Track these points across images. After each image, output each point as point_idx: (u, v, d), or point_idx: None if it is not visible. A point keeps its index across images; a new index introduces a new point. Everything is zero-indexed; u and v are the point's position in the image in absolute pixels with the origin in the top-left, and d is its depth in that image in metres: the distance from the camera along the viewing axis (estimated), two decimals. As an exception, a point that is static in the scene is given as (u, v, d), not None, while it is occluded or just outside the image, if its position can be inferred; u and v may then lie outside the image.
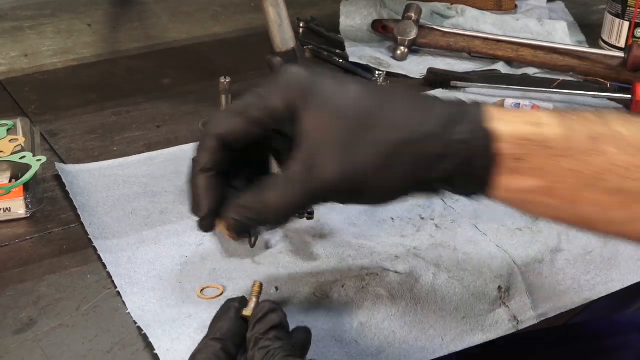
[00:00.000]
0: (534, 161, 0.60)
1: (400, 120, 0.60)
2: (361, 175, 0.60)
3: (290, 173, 0.61)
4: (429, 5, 1.40)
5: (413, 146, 0.59)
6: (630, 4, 1.27)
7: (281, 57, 1.07)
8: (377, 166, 0.59)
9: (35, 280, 0.78)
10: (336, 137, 0.59)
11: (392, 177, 0.60)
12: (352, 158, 0.59)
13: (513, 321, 0.76)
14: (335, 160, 0.59)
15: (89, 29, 1.39)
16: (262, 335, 0.61)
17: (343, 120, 0.60)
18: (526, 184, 0.60)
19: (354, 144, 0.59)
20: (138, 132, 1.06)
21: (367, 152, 0.59)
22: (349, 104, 0.60)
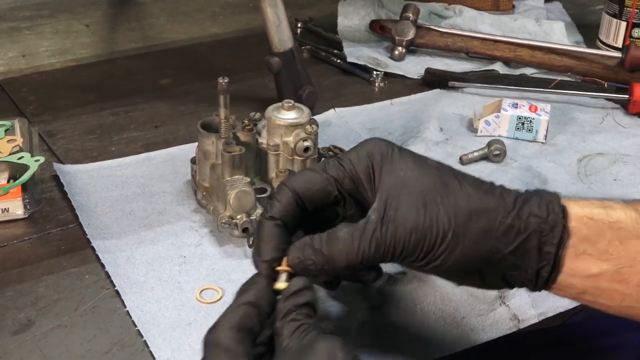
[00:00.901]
0: (603, 243, 0.60)
1: (475, 192, 0.62)
2: (435, 233, 0.60)
3: (366, 223, 0.61)
4: (426, 5, 1.40)
5: (485, 215, 0.61)
6: (628, 4, 1.27)
7: (279, 58, 1.07)
8: (450, 228, 0.60)
9: (34, 281, 0.78)
10: (415, 196, 0.61)
11: (464, 241, 0.60)
12: (429, 215, 0.60)
13: (514, 320, 0.76)
14: (412, 214, 0.60)
15: (87, 29, 1.39)
16: (295, 309, 0.59)
17: (423, 182, 0.62)
18: (595, 267, 0.61)
19: (430, 204, 0.61)
20: (136, 133, 1.06)
21: (442, 213, 0.60)
22: (429, 170, 0.63)
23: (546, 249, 0.61)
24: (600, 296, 0.62)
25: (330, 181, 0.64)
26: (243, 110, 0.92)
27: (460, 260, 0.61)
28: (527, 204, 0.62)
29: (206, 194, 0.86)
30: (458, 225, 0.60)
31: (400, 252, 0.61)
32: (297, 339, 0.57)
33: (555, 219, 0.61)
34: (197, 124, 0.86)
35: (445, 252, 0.61)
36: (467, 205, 0.61)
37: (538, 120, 1.04)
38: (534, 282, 0.62)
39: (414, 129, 1.06)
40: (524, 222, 0.61)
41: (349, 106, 1.13)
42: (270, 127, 0.85)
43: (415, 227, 0.60)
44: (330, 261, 0.62)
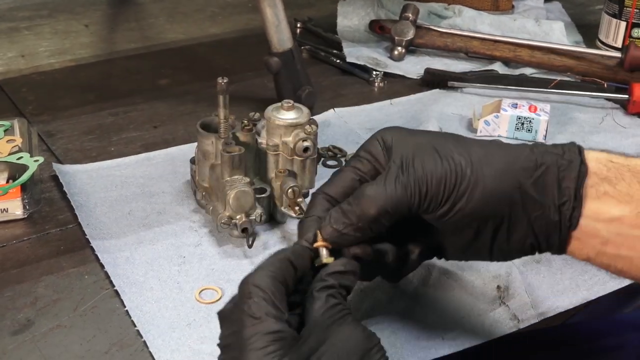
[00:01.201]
0: (623, 185, 0.60)
1: (486, 141, 0.64)
2: (453, 172, 0.61)
3: (387, 173, 0.62)
4: (426, 5, 1.40)
5: (500, 154, 0.62)
6: (627, 4, 1.27)
7: (278, 58, 1.07)
8: (467, 166, 0.61)
9: (33, 281, 0.78)
10: (429, 149, 0.62)
11: (483, 178, 0.61)
12: (445, 158, 0.62)
13: (514, 320, 0.76)
14: (429, 160, 0.62)
15: (86, 29, 1.39)
16: (337, 286, 0.58)
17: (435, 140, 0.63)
18: (616, 209, 0.60)
19: (444, 151, 0.62)
20: (135, 133, 1.05)
21: (457, 155, 0.62)
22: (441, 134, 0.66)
23: (565, 184, 0.61)
24: (622, 245, 0.61)
25: (355, 174, 0.65)
26: (242, 111, 0.92)
27: (484, 198, 0.61)
28: (541, 146, 0.63)
29: (205, 194, 0.86)
30: (474, 162, 0.61)
31: (426, 194, 0.61)
32: (334, 315, 0.56)
33: (571, 155, 0.62)
34: (197, 124, 0.86)
35: (468, 190, 0.61)
36: (481, 149, 0.62)
37: (537, 120, 1.04)
38: (558, 226, 0.61)
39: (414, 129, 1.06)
40: (540, 157, 0.61)
41: (348, 106, 1.13)
42: (269, 127, 0.85)
43: (434, 170, 0.61)
44: (362, 215, 0.61)
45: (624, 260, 0.62)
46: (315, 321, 0.56)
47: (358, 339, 0.55)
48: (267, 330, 0.54)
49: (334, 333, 0.55)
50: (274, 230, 0.86)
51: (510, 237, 0.63)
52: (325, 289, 0.58)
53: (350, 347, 0.55)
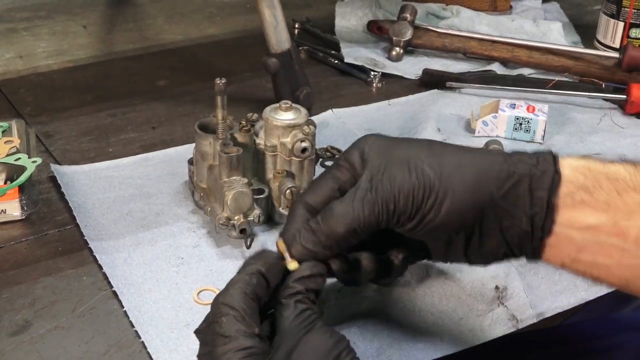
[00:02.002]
0: (601, 193, 0.59)
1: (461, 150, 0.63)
2: (422, 185, 0.61)
3: (356, 190, 0.62)
4: (424, 6, 1.40)
5: (472, 165, 0.61)
6: (625, 5, 1.28)
7: (277, 58, 1.07)
8: (436, 178, 0.61)
9: (31, 282, 0.78)
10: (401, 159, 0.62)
11: (452, 190, 0.61)
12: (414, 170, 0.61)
13: (512, 320, 0.76)
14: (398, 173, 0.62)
15: (84, 30, 1.39)
16: (305, 292, 0.59)
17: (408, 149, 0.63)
18: (592, 218, 0.59)
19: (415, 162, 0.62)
20: (134, 134, 1.05)
21: (427, 167, 0.61)
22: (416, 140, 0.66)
23: (538, 194, 0.60)
24: (598, 253, 0.60)
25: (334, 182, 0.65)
26: (240, 111, 0.92)
27: (452, 211, 0.61)
28: (516, 154, 0.62)
29: (204, 195, 0.86)
30: (444, 175, 0.61)
31: (394, 211, 0.61)
32: (302, 322, 0.57)
33: (545, 165, 0.61)
34: (195, 125, 0.86)
35: (436, 203, 0.61)
36: (453, 159, 0.62)
37: (536, 120, 1.04)
38: (530, 236, 0.61)
39: (412, 129, 1.06)
40: (512, 167, 0.61)
41: (346, 107, 1.13)
42: (267, 128, 0.85)
43: (402, 184, 0.61)
44: (330, 234, 0.62)
45: (600, 267, 0.61)
46: (285, 330, 0.57)
47: (326, 345, 0.56)
48: (238, 348, 0.55)
49: (302, 342, 0.56)
50: (272, 231, 0.86)
51: (483, 245, 0.63)
52: (293, 296, 0.59)
53: (319, 355, 0.56)
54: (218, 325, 0.56)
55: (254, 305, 0.58)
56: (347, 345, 0.57)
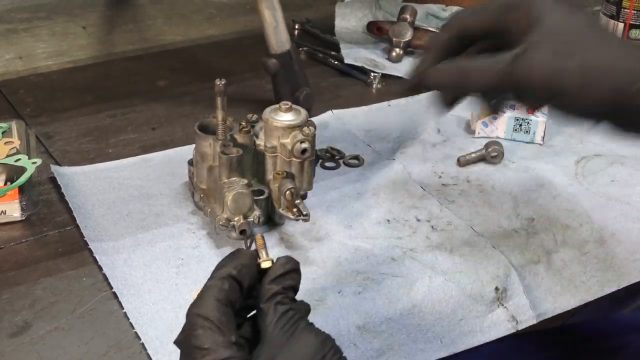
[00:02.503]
0: None
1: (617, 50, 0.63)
2: (565, 82, 0.62)
3: (504, 56, 0.64)
4: (424, 6, 1.40)
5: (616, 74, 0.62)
6: (625, 6, 1.28)
7: (276, 59, 1.06)
8: (582, 83, 0.61)
9: (31, 283, 0.78)
10: (557, 42, 0.63)
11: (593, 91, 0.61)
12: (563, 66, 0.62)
13: (512, 321, 0.76)
14: (545, 60, 0.62)
15: (83, 31, 1.39)
16: (283, 291, 0.59)
17: (568, 32, 0.63)
18: None
19: (569, 59, 0.62)
20: (133, 135, 1.05)
21: (578, 67, 0.61)
22: (579, 20, 0.65)
23: None
24: None
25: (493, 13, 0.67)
26: (240, 112, 0.92)
27: (588, 108, 0.63)
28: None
29: (203, 196, 0.86)
30: (589, 78, 0.61)
31: (525, 91, 0.64)
32: (285, 325, 0.57)
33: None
34: (195, 125, 0.86)
35: (570, 102, 0.62)
36: (604, 63, 0.62)
37: (535, 121, 1.04)
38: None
39: (412, 130, 1.06)
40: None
41: (346, 108, 1.13)
42: (267, 129, 0.85)
43: (543, 73, 0.62)
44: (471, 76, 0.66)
45: None
46: (267, 337, 0.57)
47: (312, 346, 0.56)
48: (216, 359, 0.55)
49: (286, 347, 0.56)
50: (272, 232, 0.86)
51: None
52: (272, 298, 0.59)
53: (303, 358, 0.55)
54: (194, 337, 0.56)
55: (228, 311, 0.57)
56: (332, 345, 0.56)
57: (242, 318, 0.60)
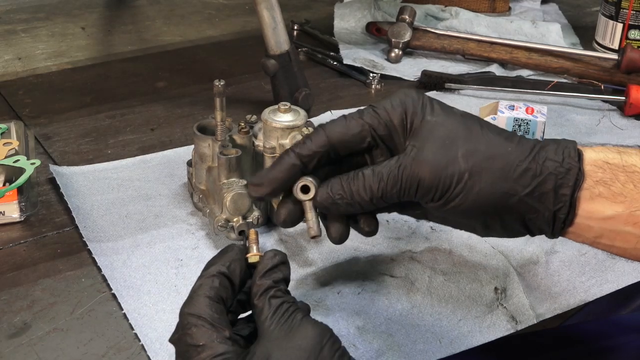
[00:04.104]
0: (617, 185, 0.63)
1: (495, 137, 0.65)
2: (451, 174, 0.63)
3: (388, 162, 0.64)
4: (423, 7, 1.40)
5: (503, 159, 0.63)
6: (624, 6, 1.28)
7: (275, 60, 1.06)
8: (467, 169, 0.63)
9: (30, 284, 0.78)
10: (438, 139, 0.64)
11: (480, 182, 0.63)
12: (447, 157, 0.63)
13: (512, 322, 0.76)
14: (431, 155, 0.63)
15: (82, 32, 1.39)
16: (274, 285, 0.60)
17: (447, 126, 0.65)
18: (610, 210, 0.63)
19: (450, 147, 0.63)
20: (132, 135, 1.05)
21: (460, 155, 0.63)
22: (454, 116, 0.66)
23: (562, 192, 0.63)
24: (615, 239, 0.64)
25: (365, 127, 0.66)
26: (239, 113, 0.92)
27: (478, 201, 0.63)
28: (544, 149, 0.64)
29: (202, 197, 0.86)
30: (475, 166, 0.63)
31: (416, 191, 0.64)
32: (281, 318, 0.57)
33: (570, 162, 0.63)
34: (193, 126, 0.86)
35: (462, 192, 0.63)
36: (486, 149, 0.64)
37: (535, 122, 1.04)
38: (551, 226, 0.64)
39: (411, 131, 1.06)
40: (540, 166, 0.63)
41: (345, 108, 1.13)
42: (266, 129, 0.85)
43: (431, 169, 0.63)
44: (355, 195, 0.65)
45: (618, 249, 0.65)
46: (265, 331, 0.57)
47: (311, 338, 0.56)
48: (212, 355, 0.55)
49: (284, 340, 0.56)
50: (271, 232, 0.86)
51: (503, 228, 0.66)
52: (265, 293, 0.59)
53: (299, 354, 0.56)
54: (189, 336, 0.57)
55: (220, 308, 0.58)
56: (330, 335, 0.57)
57: (235, 315, 0.61)
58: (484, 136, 0.64)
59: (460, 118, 0.66)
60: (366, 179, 0.65)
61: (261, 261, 0.62)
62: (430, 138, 0.64)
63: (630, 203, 0.62)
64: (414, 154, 0.64)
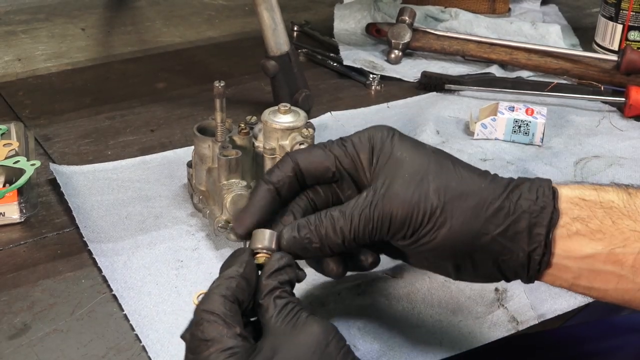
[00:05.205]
0: (595, 222, 0.61)
1: (467, 174, 0.63)
2: (422, 210, 0.61)
3: (356, 201, 0.63)
4: (422, 8, 1.40)
5: (475, 196, 0.62)
6: (624, 7, 1.28)
7: (275, 61, 1.06)
8: (439, 206, 0.61)
9: (30, 285, 0.77)
10: (408, 174, 0.62)
11: (451, 219, 0.61)
12: (418, 192, 0.62)
13: (512, 322, 0.76)
14: (402, 191, 0.62)
15: (82, 33, 1.39)
16: (280, 285, 0.60)
17: (417, 163, 0.63)
18: (588, 248, 0.61)
19: (422, 183, 0.62)
20: (132, 137, 1.05)
21: (432, 191, 0.62)
22: (426, 152, 0.65)
23: (536, 231, 0.61)
24: (595, 280, 0.62)
25: (331, 157, 0.66)
26: (239, 114, 0.92)
27: (448, 240, 0.61)
28: (518, 187, 0.63)
29: (202, 198, 0.86)
30: (446, 203, 0.61)
31: (388, 229, 0.62)
32: (286, 317, 0.57)
33: (545, 200, 0.61)
34: (193, 127, 0.86)
35: (433, 229, 0.61)
36: (458, 186, 0.62)
37: (534, 123, 1.04)
38: (526, 268, 0.62)
39: (411, 132, 1.06)
40: (513, 204, 0.61)
41: (345, 109, 1.13)
42: (266, 130, 0.85)
43: (402, 204, 0.61)
44: (325, 239, 0.63)
45: (598, 291, 0.63)
46: (271, 329, 0.57)
47: (316, 335, 0.56)
48: (221, 349, 0.55)
49: (290, 337, 0.56)
50: (271, 233, 0.85)
51: (475, 271, 0.64)
52: (270, 293, 0.59)
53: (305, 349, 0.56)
54: (200, 331, 0.57)
55: (234, 307, 0.58)
56: (335, 333, 0.57)
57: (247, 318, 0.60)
58: (457, 172, 0.63)
59: (432, 154, 0.65)
60: (336, 220, 0.63)
61: (268, 262, 0.62)
62: (400, 174, 0.63)
63: (609, 240, 0.60)
64: (384, 190, 0.62)
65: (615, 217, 0.61)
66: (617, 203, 0.62)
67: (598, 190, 0.63)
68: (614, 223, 0.61)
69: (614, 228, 0.60)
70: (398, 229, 0.62)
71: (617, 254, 0.60)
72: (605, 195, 0.62)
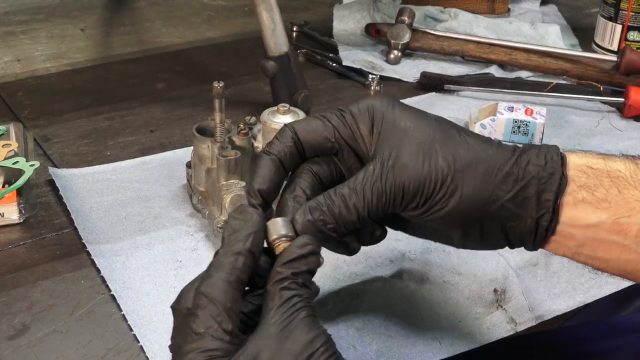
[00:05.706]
0: (601, 191, 0.60)
1: (474, 141, 0.63)
2: (434, 179, 0.61)
3: (365, 175, 0.62)
4: (422, 8, 1.40)
5: (484, 163, 0.61)
6: (623, 8, 1.28)
7: (275, 61, 1.06)
8: (449, 173, 0.61)
9: (29, 286, 0.77)
10: (415, 145, 0.62)
11: (462, 186, 0.61)
12: (427, 162, 0.61)
13: (511, 323, 0.76)
14: (411, 161, 0.61)
15: (82, 33, 1.39)
16: (292, 277, 0.56)
17: (423, 132, 0.62)
18: (593, 216, 0.60)
19: (430, 152, 0.61)
20: (131, 137, 1.05)
21: (441, 159, 0.61)
22: (429, 121, 0.64)
23: (545, 197, 0.61)
24: (598, 249, 0.61)
25: (329, 127, 0.64)
26: (238, 114, 0.92)
27: (460, 207, 0.61)
28: (525, 153, 0.62)
29: (202, 198, 0.86)
30: (457, 170, 0.61)
31: (402, 200, 0.61)
32: (284, 313, 0.55)
33: (553, 166, 0.61)
34: (193, 128, 0.86)
35: (444, 197, 0.61)
36: (467, 153, 0.62)
37: (534, 123, 1.04)
38: (533, 234, 0.62)
39: (410, 132, 1.06)
40: (522, 170, 0.61)
41: (344, 110, 1.13)
42: (265, 131, 0.85)
43: (414, 174, 0.61)
44: (339, 218, 0.61)
45: (601, 261, 0.63)
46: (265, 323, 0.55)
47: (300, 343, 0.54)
48: (202, 349, 0.54)
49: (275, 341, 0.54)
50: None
51: (483, 238, 0.64)
52: (279, 282, 0.56)
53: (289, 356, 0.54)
54: (192, 317, 0.55)
55: (236, 296, 0.55)
56: (323, 343, 0.54)
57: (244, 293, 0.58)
58: (463, 140, 0.63)
59: (436, 123, 0.64)
60: (348, 198, 0.61)
61: (288, 248, 0.58)
62: (406, 144, 0.62)
63: (614, 210, 0.60)
64: (392, 162, 0.61)
65: (621, 187, 0.61)
66: (624, 173, 0.61)
67: (605, 160, 0.62)
68: (620, 192, 0.60)
69: (620, 197, 0.60)
70: (410, 200, 0.61)
71: (621, 224, 0.60)
72: (612, 164, 0.62)
